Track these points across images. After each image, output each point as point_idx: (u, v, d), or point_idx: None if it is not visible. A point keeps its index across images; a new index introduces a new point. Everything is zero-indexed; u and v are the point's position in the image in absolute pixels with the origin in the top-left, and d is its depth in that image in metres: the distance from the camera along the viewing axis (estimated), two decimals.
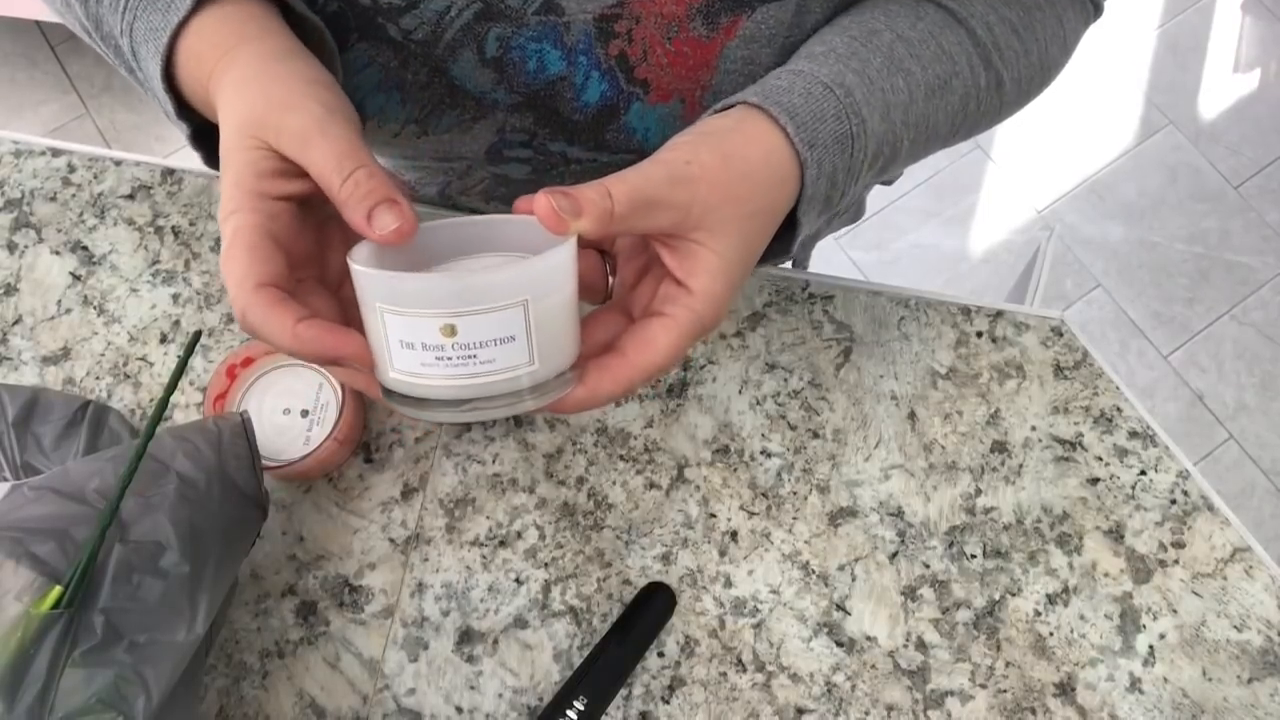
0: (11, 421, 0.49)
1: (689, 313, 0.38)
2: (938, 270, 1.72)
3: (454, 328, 0.33)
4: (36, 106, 1.79)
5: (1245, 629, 0.56)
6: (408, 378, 0.35)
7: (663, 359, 0.38)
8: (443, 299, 0.33)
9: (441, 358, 0.34)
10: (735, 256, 0.39)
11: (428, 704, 0.55)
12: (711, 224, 0.38)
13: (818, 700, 0.55)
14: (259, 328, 0.34)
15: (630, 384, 0.38)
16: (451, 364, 0.34)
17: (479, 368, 0.34)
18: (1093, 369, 0.61)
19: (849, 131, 0.42)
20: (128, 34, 0.42)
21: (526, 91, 0.52)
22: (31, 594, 0.40)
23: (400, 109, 0.53)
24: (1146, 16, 1.90)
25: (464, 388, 0.35)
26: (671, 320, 0.38)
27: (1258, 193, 1.76)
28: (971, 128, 0.51)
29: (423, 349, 0.34)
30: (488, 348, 0.34)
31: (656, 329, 0.38)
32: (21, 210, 0.65)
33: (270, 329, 0.34)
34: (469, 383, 0.35)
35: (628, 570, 0.57)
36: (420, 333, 0.34)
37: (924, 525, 0.58)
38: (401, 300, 0.33)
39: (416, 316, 0.33)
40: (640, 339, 0.38)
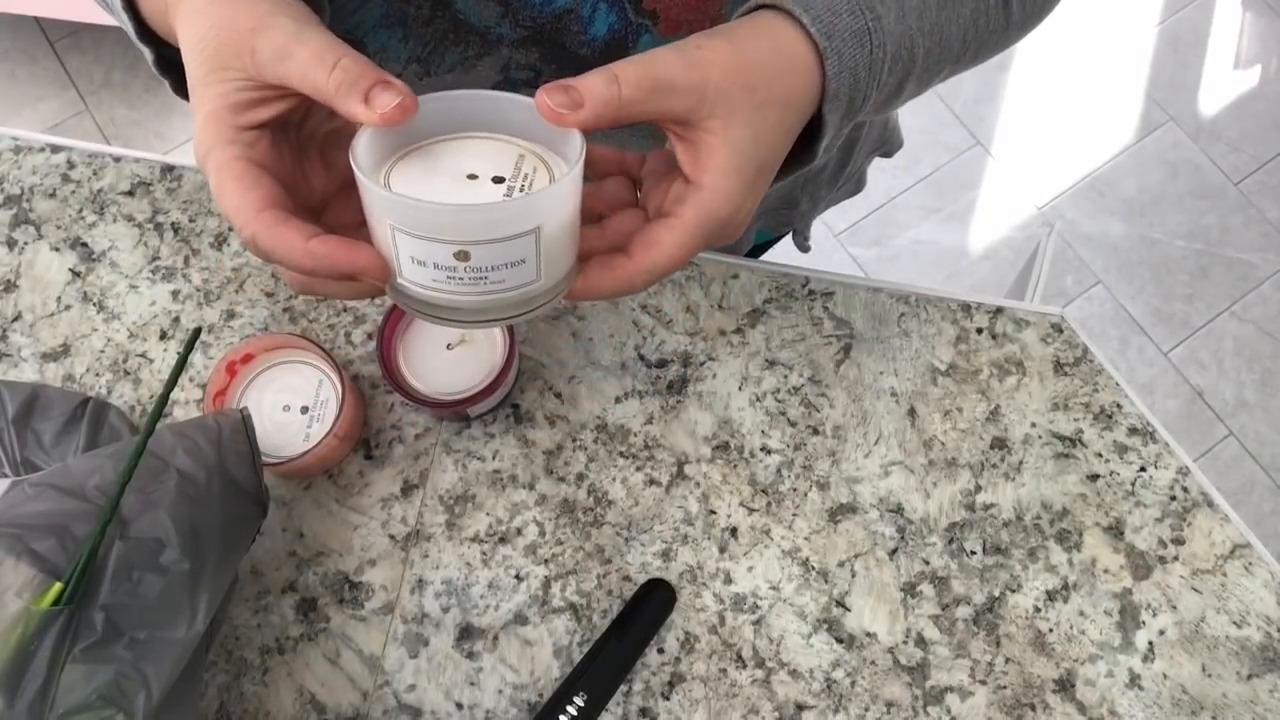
0: (11, 418, 0.49)
1: (695, 211, 0.38)
2: (938, 267, 1.72)
3: (467, 253, 0.34)
4: (36, 103, 1.79)
5: (1245, 625, 0.56)
6: (416, 288, 0.36)
7: (666, 259, 0.38)
8: (457, 228, 0.33)
9: (453, 278, 0.35)
10: (748, 152, 0.38)
11: (428, 700, 0.55)
12: (722, 113, 0.37)
13: (817, 696, 0.55)
14: (270, 250, 0.33)
15: (632, 283, 0.38)
16: (462, 284, 0.35)
17: (489, 287, 0.35)
18: (1093, 365, 0.61)
19: (865, 27, 0.41)
20: None
21: (532, 25, 0.51)
22: (32, 590, 0.40)
23: (402, 46, 0.52)
24: (1147, 12, 1.90)
25: (472, 302, 0.36)
26: (677, 220, 0.38)
27: (1258, 189, 1.76)
28: (979, 48, 0.49)
29: (434, 268, 0.34)
30: (499, 270, 0.35)
31: (661, 230, 0.38)
32: (21, 207, 0.65)
33: (281, 249, 0.33)
34: (478, 299, 0.36)
35: (628, 567, 0.57)
36: (433, 254, 0.34)
37: (924, 522, 0.58)
38: (415, 225, 0.33)
39: (430, 241, 0.33)
40: (645, 240, 0.38)
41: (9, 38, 1.82)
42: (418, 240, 0.33)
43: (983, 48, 0.50)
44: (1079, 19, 1.88)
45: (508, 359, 0.55)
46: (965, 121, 1.82)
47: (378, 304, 0.62)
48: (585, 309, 0.62)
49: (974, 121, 1.82)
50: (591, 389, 0.61)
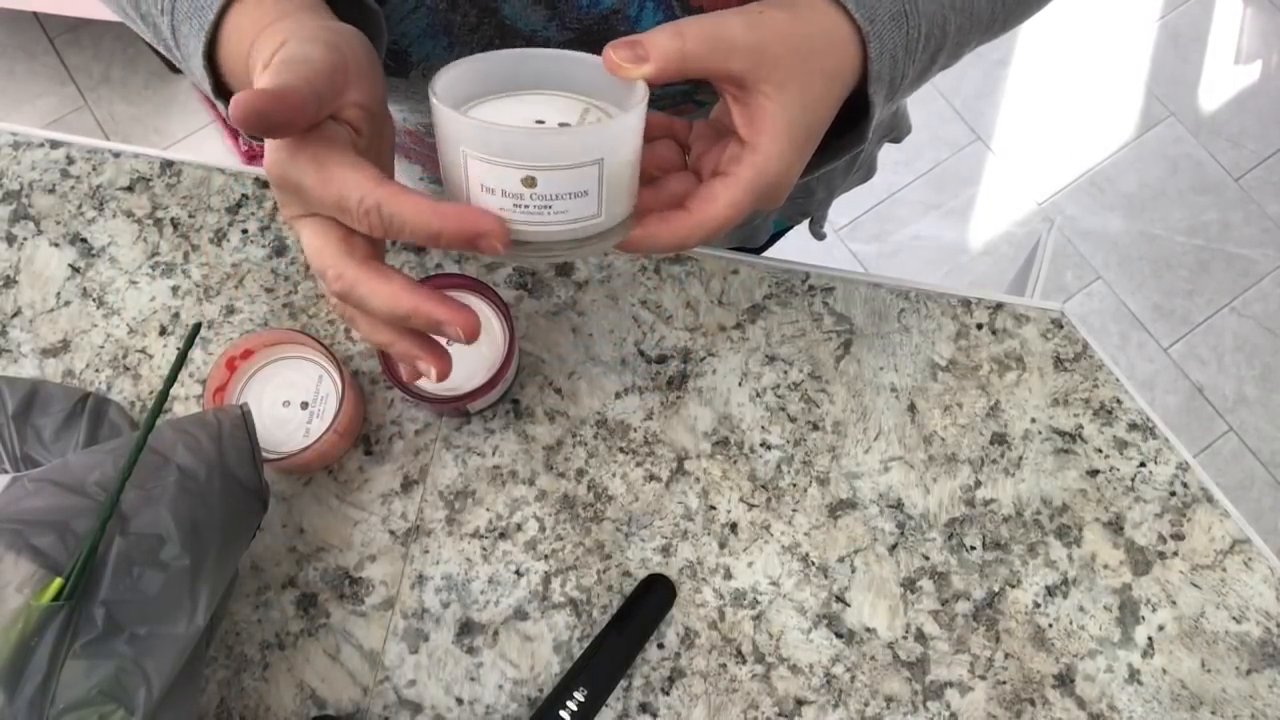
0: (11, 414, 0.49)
1: (750, 170, 0.39)
2: (938, 262, 1.72)
3: (534, 179, 0.35)
4: (35, 99, 1.79)
5: (1244, 620, 0.56)
6: None
7: (721, 214, 0.40)
8: (527, 152, 0.35)
9: (519, 205, 0.36)
10: (799, 116, 0.40)
11: (428, 695, 0.55)
12: (778, 78, 0.39)
13: (817, 691, 0.55)
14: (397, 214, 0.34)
15: (688, 237, 0.40)
16: (528, 212, 0.36)
17: (552, 217, 0.37)
18: (1093, 361, 0.61)
19: (903, 10, 0.43)
20: (168, 13, 0.43)
21: (579, 27, 0.51)
22: (32, 586, 0.40)
23: (447, 54, 0.52)
24: (1148, 8, 1.89)
25: (535, 233, 0.37)
26: (733, 178, 0.39)
27: (1258, 185, 1.76)
28: (1007, 17, 0.51)
29: (502, 195, 0.36)
30: (562, 199, 0.36)
31: (718, 186, 0.40)
32: (20, 202, 0.65)
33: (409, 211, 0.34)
34: (541, 229, 0.37)
35: (627, 562, 0.57)
36: (502, 180, 0.35)
37: (923, 517, 0.58)
38: (488, 149, 0.35)
39: (501, 166, 0.35)
40: (702, 195, 0.40)
41: (8, 33, 1.81)
42: (488, 165, 0.35)
43: (1011, 16, 0.52)
44: (1080, 15, 1.88)
45: (508, 355, 0.55)
46: (966, 117, 1.82)
47: None
48: (585, 304, 0.62)
49: (974, 117, 1.81)
50: (591, 385, 0.61)
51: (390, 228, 0.35)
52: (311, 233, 0.37)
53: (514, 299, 0.62)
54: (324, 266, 0.36)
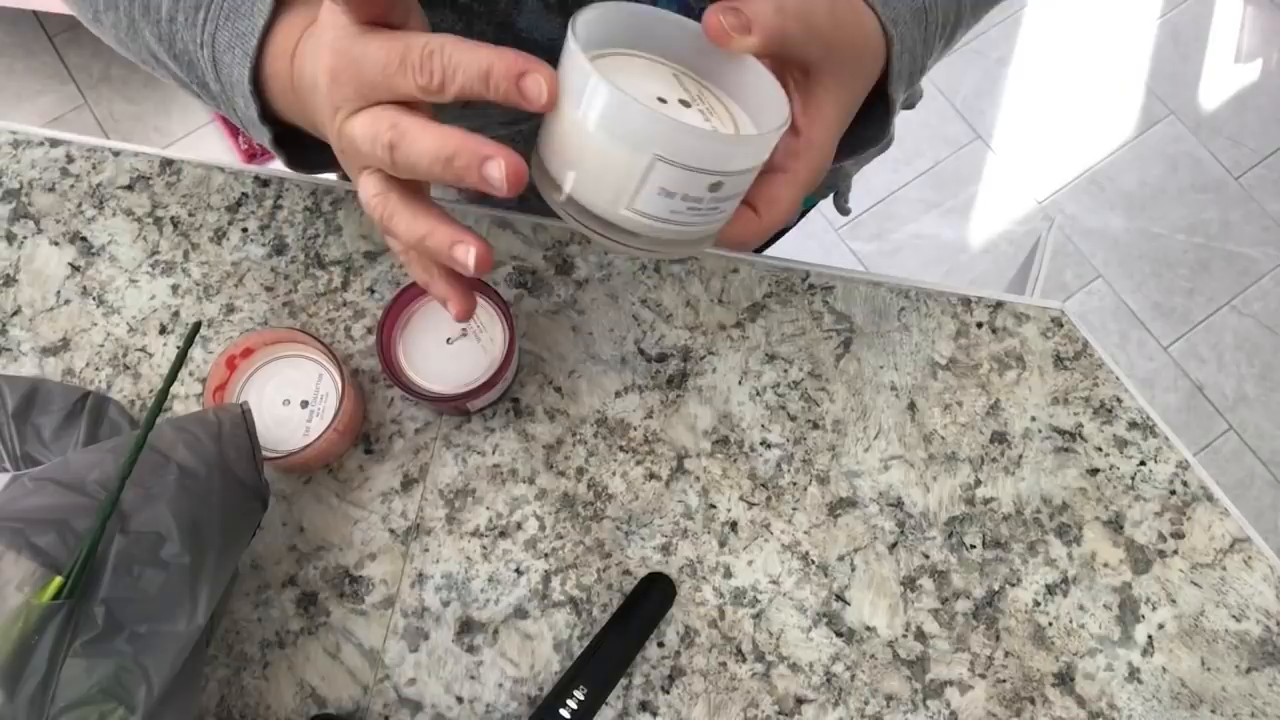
0: (11, 412, 0.49)
1: (808, 167, 0.40)
2: (938, 261, 1.72)
3: (722, 185, 0.34)
4: (35, 97, 1.79)
5: (1244, 619, 0.56)
6: (642, 219, 0.35)
7: (784, 214, 0.40)
8: (728, 158, 0.33)
9: (695, 209, 0.34)
10: (844, 113, 0.41)
11: (428, 694, 0.55)
12: (837, 70, 0.39)
13: (817, 690, 0.55)
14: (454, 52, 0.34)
15: (759, 237, 0.40)
16: (698, 214, 0.35)
17: (716, 217, 0.36)
18: (1093, 360, 0.61)
19: (922, 6, 0.44)
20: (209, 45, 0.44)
21: None
22: (32, 584, 0.40)
23: None
24: (1148, 6, 1.89)
25: (685, 231, 0.35)
26: (792, 176, 0.40)
27: (1259, 183, 1.76)
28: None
29: (682, 200, 0.34)
30: (730, 201, 0.35)
31: (780, 187, 0.40)
32: (20, 201, 0.65)
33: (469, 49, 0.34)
34: (697, 229, 0.36)
35: (627, 561, 0.57)
36: (689, 185, 0.33)
37: (923, 516, 0.58)
38: (692, 156, 0.32)
39: (694, 172, 0.33)
40: (768, 198, 0.40)
41: (8, 32, 1.81)
42: (679, 171, 0.33)
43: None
44: (1080, 13, 1.88)
45: (507, 354, 0.55)
46: (966, 115, 1.81)
47: (377, 298, 0.62)
48: (585, 303, 0.62)
49: (974, 115, 1.81)
50: (591, 383, 0.61)
51: (448, 69, 0.34)
52: (365, 113, 0.36)
53: (514, 297, 0.62)
54: (379, 127, 0.35)
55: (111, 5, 0.48)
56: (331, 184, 0.65)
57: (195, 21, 0.44)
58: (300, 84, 0.41)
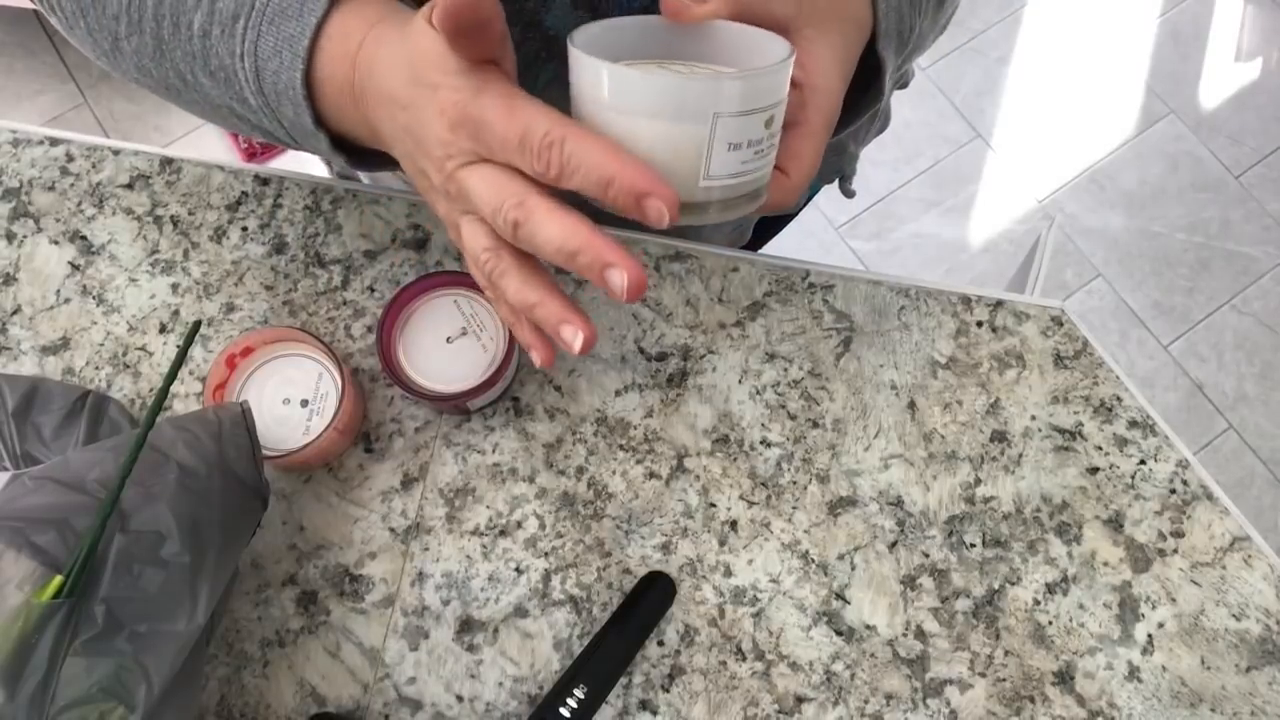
0: (11, 411, 0.49)
1: (819, 113, 0.40)
2: (938, 260, 1.72)
3: (773, 118, 0.36)
4: (34, 96, 1.79)
5: (1244, 618, 0.56)
6: (722, 182, 0.37)
7: (811, 165, 0.41)
8: (774, 88, 0.35)
9: (759, 151, 0.37)
10: (840, 53, 0.41)
11: (428, 693, 0.55)
12: (817, 21, 0.40)
13: (817, 689, 0.55)
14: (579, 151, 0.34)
15: (794, 196, 0.41)
16: (763, 154, 0.37)
17: (772, 153, 0.38)
18: (1093, 359, 0.61)
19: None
20: (250, 54, 0.43)
21: None
22: (32, 583, 0.40)
23: None
24: (1148, 6, 1.89)
25: (751, 179, 0.38)
26: (807, 127, 0.40)
27: (1259, 182, 1.76)
28: None
29: (747, 146, 0.36)
30: (778, 133, 0.37)
31: (799, 141, 0.40)
32: (20, 200, 0.65)
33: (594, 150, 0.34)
34: (764, 170, 0.38)
35: (628, 559, 0.57)
36: (748, 131, 0.36)
37: (923, 515, 0.58)
38: (747, 100, 0.35)
39: (751, 115, 0.35)
40: (790, 154, 0.40)
41: (8, 30, 1.81)
42: (740, 119, 0.35)
43: None
44: (1080, 12, 1.88)
45: (507, 352, 0.55)
46: (966, 114, 1.81)
47: (377, 297, 0.62)
48: (585, 301, 0.62)
49: (974, 114, 1.81)
50: (591, 382, 0.61)
51: (567, 166, 0.34)
52: (486, 171, 0.36)
53: None
54: (504, 197, 0.35)
55: (135, 30, 0.47)
56: (331, 183, 0.65)
57: (234, 32, 0.43)
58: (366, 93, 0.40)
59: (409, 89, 0.38)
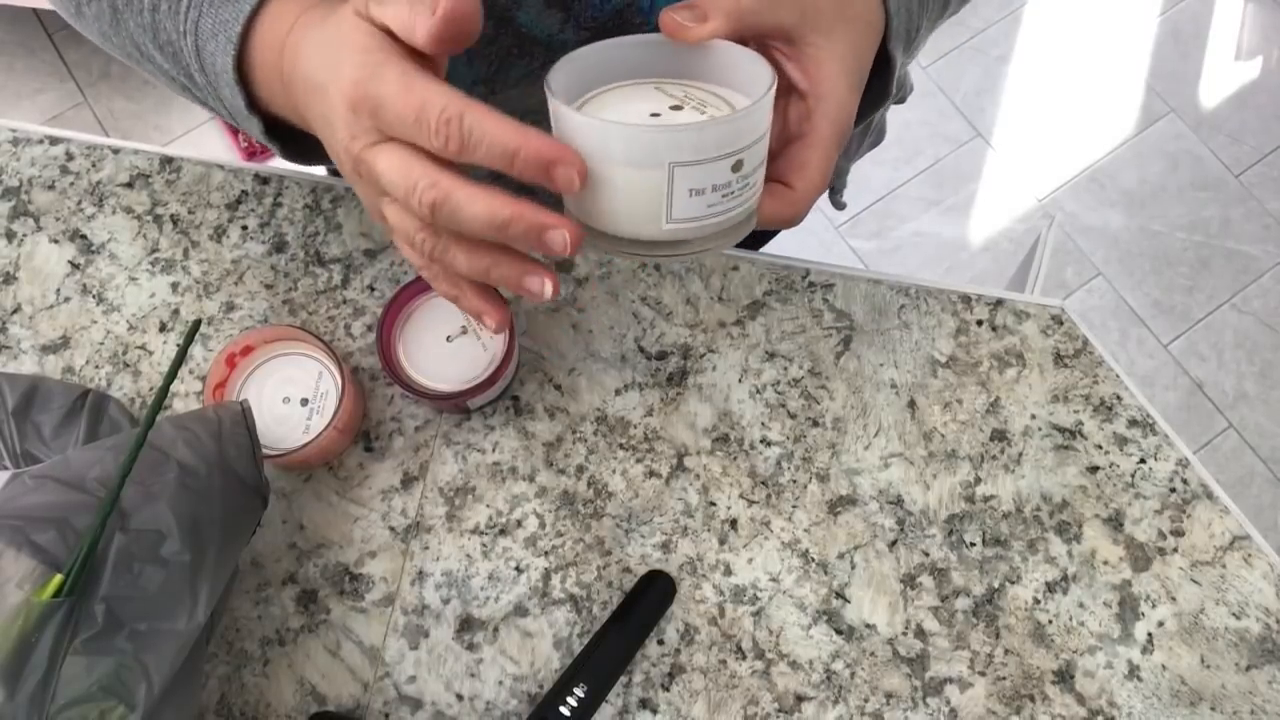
0: (11, 410, 0.49)
1: (827, 122, 0.40)
2: (938, 259, 1.72)
3: (742, 162, 0.36)
4: (34, 94, 1.78)
5: (1244, 617, 0.56)
6: (685, 225, 0.37)
7: (820, 178, 0.40)
8: (737, 135, 0.35)
9: (727, 194, 0.36)
10: (851, 60, 0.40)
11: (428, 691, 0.55)
12: (823, 26, 0.39)
13: (817, 688, 0.55)
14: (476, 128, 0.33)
15: (799, 209, 0.40)
16: (732, 197, 0.37)
17: (749, 193, 0.37)
18: (1093, 357, 0.61)
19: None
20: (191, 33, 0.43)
21: (594, 26, 0.51)
22: (32, 582, 0.40)
23: (467, 69, 0.52)
24: (1149, 4, 1.89)
25: (728, 218, 0.37)
26: (815, 137, 0.40)
27: (1259, 181, 1.76)
28: None
29: (712, 191, 0.36)
30: (756, 171, 0.37)
31: (805, 152, 0.40)
32: (20, 199, 0.65)
33: (491, 126, 0.33)
34: (739, 209, 0.37)
35: (628, 558, 0.57)
36: (712, 176, 0.35)
37: (923, 513, 0.58)
38: (703, 149, 0.34)
39: (712, 162, 0.35)
40: (796, 165, 0.40)
41: (7, 29, 1.81)
42: (700, 167, 0.35)
43: None
44: (1081, 11, 1.88)
45: (507, 351, 0.55)
46: (966, 113, 1.81)
47: (377, 295, 0.62)
48: (585, 301, 0.62)
49: (974, 113, 1.81)
50: (591, 381, 0.61)
51: (467, 142, 0.33)
52: (391, 153, 0.35)
53: (514, 295, 0.62)
54: (414, 180, 0.34)
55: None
56: (331, 182, 0.65)
57: (179, 10, 0.43)
58: (294, 80, 0.40)
59: (324, 73, 0.37)
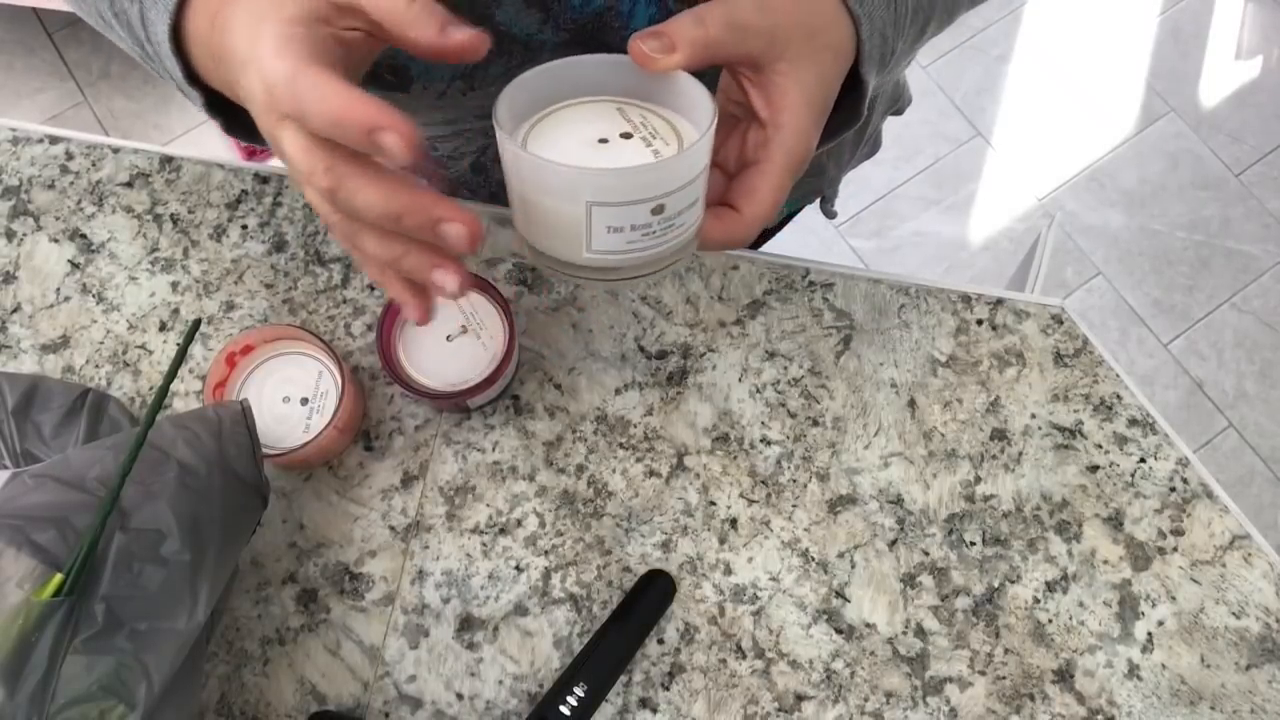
0: (11, 409, 0.49)
1: (781, 152, 0.40)
2: (938, 258, 1.72)
3: (663, 206, 0.36)
4: (34, 94, 1.78)
5: (1244, 616, 0.56)
6: (605, 256, 0.38)
7: (769, 204, 0.40)
8: (657, 184, 0.35)
9: (648, 234, 0.37)
10: (815, 90, 0.41)
11: (428, 691, 0.55)
12: (791, 55, 0.40)
13: (817, 687, 0.55)
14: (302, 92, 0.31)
15: (746, 233, 0.40)
16: (653, 236, 0.37)
17: (674, 234, 0.38)
18: (1093, 357, 0.61)
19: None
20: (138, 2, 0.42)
21: (573, 27, 0.51)
22: (32, 581, 0.40)
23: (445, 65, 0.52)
24: (1148, 3, 1.89)
25: (652, 253, 0.38)
26: (769, 165, 0.40)
27: (1259, 180, 1.76)
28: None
29: (630, 230, 0.36)
30: (686, 212, 0.37)
31: (756, 178, 0.40)
32: (20, 198, 0.65)
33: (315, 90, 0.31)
34: (664, 247, 0.38)
35: (628, 558, 0.57)
36: (631, 217, 0.36)
37: (923, 513, 0.58)
38: (618, 194, 0.35)
39: (630, 205, 0.35)
40: (745, 190, 0.40)
41: (7, 29, 1.81)
42: (617, 209, 0.35)
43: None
44: (1081, 10, 1.88)
45: (507, 350, 0.55)
46: (966, 112, 1.81)
47: (377, 295, 0.62)
48: (585, 300, 0.62)
49: (975, 112, 1.81)
50: (591, 380, 0.61)
51: (299, 106, 0.32)
52: (291, 132, 0.34)
53: (514, 294, 0.62)
54: (313, 161, 0.33)
55: None
56: None
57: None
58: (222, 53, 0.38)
59: (245, 46, 0.35)
